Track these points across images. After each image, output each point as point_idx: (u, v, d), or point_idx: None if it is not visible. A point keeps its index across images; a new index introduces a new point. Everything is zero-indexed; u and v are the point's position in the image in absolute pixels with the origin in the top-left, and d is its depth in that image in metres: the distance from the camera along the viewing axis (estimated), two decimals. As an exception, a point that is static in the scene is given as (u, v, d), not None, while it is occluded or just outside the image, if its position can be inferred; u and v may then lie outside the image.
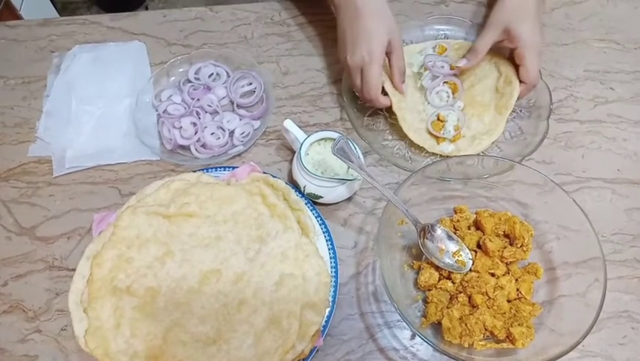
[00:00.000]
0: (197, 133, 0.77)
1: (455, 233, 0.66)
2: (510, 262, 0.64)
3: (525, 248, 0.65)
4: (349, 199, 0.73)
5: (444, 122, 0.77)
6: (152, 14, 0.94)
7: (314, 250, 0.62)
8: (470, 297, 0.61)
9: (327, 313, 0.61)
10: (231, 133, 0.78)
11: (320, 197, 0.68)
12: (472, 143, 0.75)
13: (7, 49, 0.90)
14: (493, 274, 0.63)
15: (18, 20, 0.99)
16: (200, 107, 0.80)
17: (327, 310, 0.61)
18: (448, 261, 0.64)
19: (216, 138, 0.77)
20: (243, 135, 0.78)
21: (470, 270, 0.63)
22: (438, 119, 0.77)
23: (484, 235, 0.66)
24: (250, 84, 0.83)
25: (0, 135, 0.80)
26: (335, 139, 0.64)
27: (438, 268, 0.64)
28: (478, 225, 0.68)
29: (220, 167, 0.73)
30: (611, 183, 0.76)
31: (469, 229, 0.68)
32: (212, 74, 0.84)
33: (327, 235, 0.67)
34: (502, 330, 0.59)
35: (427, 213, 0.70)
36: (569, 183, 0.75)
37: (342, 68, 0.77)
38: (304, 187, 0.68)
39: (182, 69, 0.85)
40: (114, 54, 0.88)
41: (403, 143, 0.78)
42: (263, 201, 0.65)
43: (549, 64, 0.87)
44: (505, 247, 0.64)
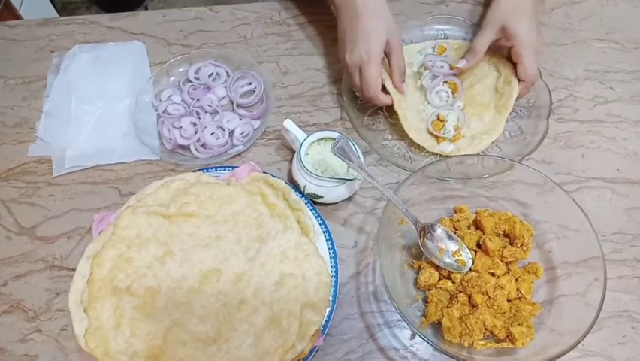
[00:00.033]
0: (197, 133, 0.77)
1: (455, 233, 0.66)
2: (510, 262, 0.64)
3: (525, 248, 0.65)
4: (349, 199, 0.73)
5: (444, 122, 0.77)
6: (152, 14, 0.94)
7: (314, 249, 0.62)
8: (470, 297, 0.61)
9: (327, 313, 0.61)
10: (231, 133, 0.78)
11: (320, 197, 0.68)
12: (472, 143, 0.75)
13: (6, 49, 0.90)
14: (493, 274, 0.63)
15: (18, 20, 0.99)
16: (200, 106, 0.80)
17: (327, 309, 0.61)
18: (448, 260, 0.64)
19: (216, 138, 0.77)
20: (242, 135, 0.78)
21: (470, 269, 0.63)
22: (438, 119, 0.77)
23: (484, 234, 0.66)
24: (250, 84, 0.83)
25: (0, 135, 0.80)
26: (335, 139, 0.64)
27: (438, 268, 0.64)
28: (478, 224, 0.68)
29: (220, 167, 0.73)
30: (611, 183, 0.76)
31: (469, 228, 0.68)
32: (212, 74, 0.84)
33: (327, 234, 0.67)
34: (502, 330, 0.59)
35: (427, 213, 0.70)
36: (568, 183, 0.75)
37: (342, 67, 0.77)
38: (304, 187, 0.68)
39: (181, 69, 0.85)
40: (114, 54, 0.88)
41: (402, 143, 0.78)
42: (263, 200, 0.65)
43: (549, 64, 0.87)
44: (505, 247, 0.64)
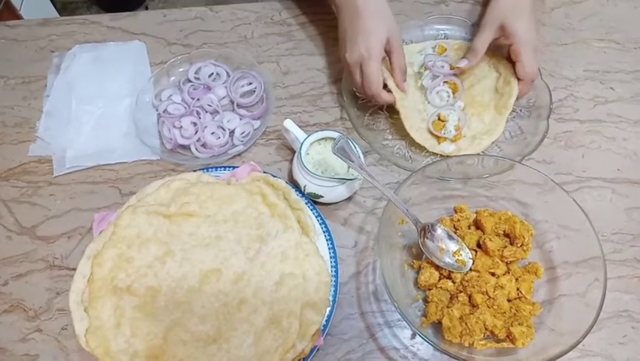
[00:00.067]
0: (197, 133, 0.77)
1: (455, 232, 0.66)
2: (510, 262, 0.64)
3: (525, 248, 0.65)
4: (349, 199, 0.73)
5: (445, 121, 0.77)
6: (152, 14, 0.94)
7: (314, 249, 0.62)
8: (470, 296, 0.61)
9: (327, 313, 0.61)
10: (231, 133, 0.78)
11: (320, 196, 0.68)
12: (473, 143, 0.75)
13: (7, 49, 0.90)
14: (493, 274, 0.63)
15: (18, 20, 0.99)
16: (201, 106, 0.80)
17: (328, 309, 0.61)
18: (448, 260, 0.64)
19: (216, 138, 0.77)
20: (243, 135, 0.78)
21: (470, 269, 0.63)
22: (439, 119, 0.77)
23: (484, 234, 0.66)
24: (250, 84, 0.83)
25: (0, 135, 0.80)
26: (335, 139, 0.64)
27: (438, 268, 0.64)
28: (478, 224, 0.68)
29: (220, 166, 0.73)
30: (611, 183, 0.76)
31: (469, 228, 0.68)
32: (213, 74, 0.84)
33: (327, 234, 0.67)
34: (502, 329, 0.59)
35: (428, 213, 0.70)
36: (569, 183, 0.75)
37: (343, 67, 0.77)
38: (304, 187, 0.68)
39: (182, 69, 0.85)
40: (114, 54, 0.88)
41: (403, 142, 0.78)
42: (263, 200, 0.65)
43: (549, 64, 0.87)
44: (506, 247, 0.64)
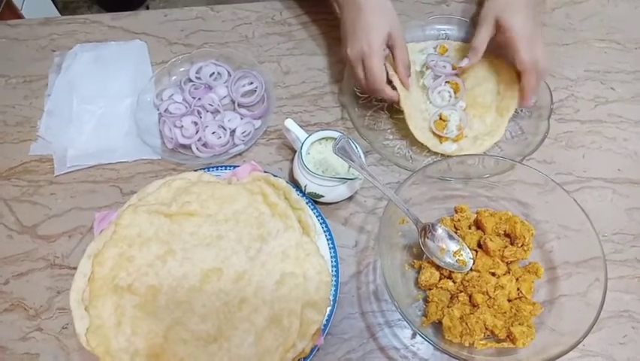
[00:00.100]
0: (198, 132, 0.77)
1: (456, 232, 0.66)
2: (511, 262, 0.64)
3: (526, 248, 0.65)
4: (350, 198, 0.73)
5: (446, 121, 0.77)
6: (153, 13, 0.94)
7: (315, 249, 0.62)
8: (471, 296, 0.61)
9: (327, 312, 0.61)
10: (232, 132, 0.78)
11: (321, 196, 0.68)
12: (475, 143, 0.75)
13: (8, 48, 0.90)
14: (493, 274, 0.63)
15: (19, 19, 0.99)
16: (202, 106, 0.80)
17: (328, 309, 0.61)
18: (448, 260, 0.64)
19: (217, 137, 0.77)
20: (244, 135, 0.78)
21: (471, 269, 0.63)
22: (440, 119, 0.77)
23: (484, 234, 0.66)
24: (251, 83, 0.83)
25: (1, 134, 0.80)
26: (336, 138, 0.64)
27: (439, 268, 0.64)
28: (478, 224, 0.68)
29: (221, 166, 0.73)
30: (612, 183, 0.76)
31: (469, 228, 0.68)
32: (214, 74, 0.84)
33: (327, 234, 0.67)
34: (502, 329, 0.59)
35: (428, 213, 0.70)
36: (569, 183, 0.75)
37: (344, 67, 0.77)
38: (305, 186, 0.68)
39: (183, 68, 0.85)
40: (115, 53, 0.88)
41: (403, 142, 0.78)
42: (264, 200, 0.65)
43: (550, 64, 0.86)
44: (506, 247, 0.65)
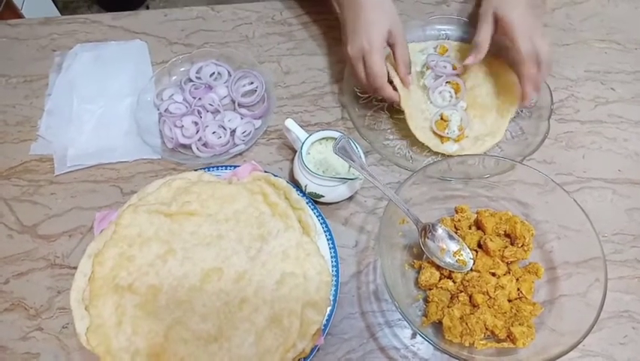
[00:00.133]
0: (198, 132, 0.77)
1: (456, 233, 0.66)
2: (511, 262, 0.64)
3: (526, 248, 0.65)
4: (350, 198, 0.73)
5: (447, 121, 0.77)
6: (153, 13, 0.94)
7: (315, 249, 0.62)
8: (471, 296, 0.61)
9: (328, 312, 0.61)
10: (233, 132, 0.78)
11: (321, 196, 0.68)
12: (476, 143, 0.75)
13: (8, 47, 0.90)
14: (493, 274, 0.63)
15: (19, 19, 0.99)
16: (202, 106, 0.80)
17: (328, 309, 0.61)
18: (448, 260, 0.64)
19: (218, 137, 0.77)
20: (244, 134, 0.78)
21: (471, 269, 0.63)
22: (441, 119, 0.77)
23: (484, 234, 0.66)
24: (251, 83, 0.83)
25: (2, 134, 0.80)
26: (336, 138, 0.64)
27: (439, 268, 0.64)
28: (478, 224, 0.68)
29: (221, 166, 0.73)
30: (612, 184, 0.76)
31: (469, 228, 0.68)
32: (214, 74, 0.84)
33: (328, 234, 0.67)
34: (502, 329, 0.59)
35: (428, 213, 0.70)
36: (569, 183, 0.75)
37: (344, 67, 0.77)
38: (305, 186, 0.68)
39: (183, 68, 0.85)
40: (115, 53, 0.88)
41: (404, 142, 0.78)
42: (264, 200, 0.65)
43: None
44: (506, 247, 0.65)
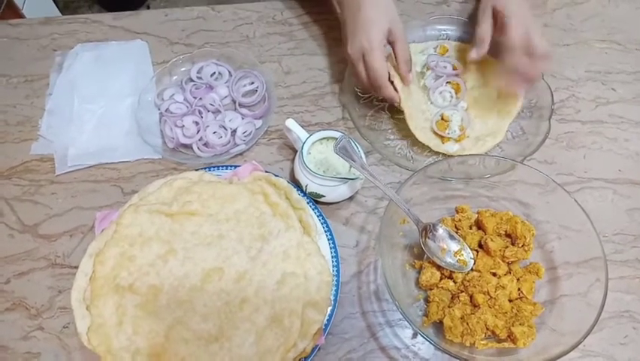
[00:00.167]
0: (199, 132, 0.77)
1: (457, 233, 0.66)
2: (511, 262, 0.64)
3: (526, 248, 0.65)
4: (351, 198, 0.73)
5: (448, 121, 0.77)
6: (154, 13, 0.94)
7: (316, 248, 0.62)
8: (472, 296, 0.61)
9: (328, 312, 0.61)
10: (233, 132, 0.78)
11: (322, 196, 0.68)
12: (477, 143, 0.75)
13: (9, 47, 0.90)
14: (494, 274, 0.63)
15: (20, 19, 0.99)
16: (203, 106, 0.80)
17: (329, 308, 0.61)
18: (449, 260, 0.64)
19: (218, 137, 0.77)
20: (245, 134, 0.78)
21: (472, 269, 0.64)
22: (442, 119, 0.77)
23: (485, 234, 0.66)
24: (252, 83, 0.83)
25: (3, 133, 0.80)
26: (337, 138, 0.64)
27: (439, 268, 0.64)
28: (479, 224, 0.68)
29: (222, 166, 0.73)
30: (613, 184, 0.76)
31: (470, 228, 0.68)
32: (215, 73, 0.84)
33: (328, 233, 0.67)
34: (503, 329, 0.59)
35: (429, 213, 0.70)
36: (570, 183, 0.75)
37: (345, 67, 0.77)
38: (306, 186, 0.68)
39: (184, 68, 0.85)
40: (116, 53, 0.88)
41: (404, 142, 0.78)
42: (265, 200, 0.65)
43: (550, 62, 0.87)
44: (507, 247, 0.65)
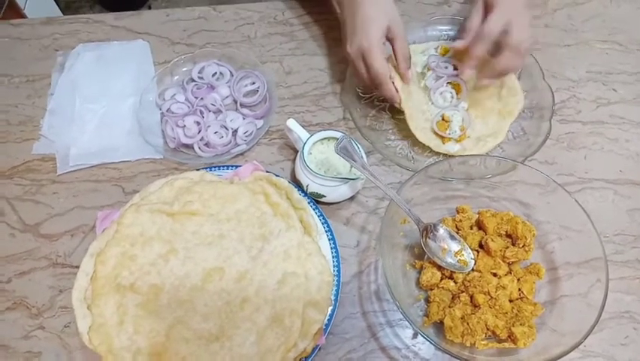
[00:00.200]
0: (200, 132, 0.77)
1: (457, 233, 0.66)
2: (512, 262, 0.64)
3: (527, 248, 0.65)
4: (352, 198, 0.73)
5: (449, 122, 0.77)
6: (156, 13, 0.95)
7: (316, 248, 0.62)
8: (472, 297, 0.61)
9: (329, 312, 0.61)
10: (234, 132, 0.79)
11: (323, 196, 0.69)
12: (478, 143, 0.75)
13: (11, 47, 0.90)
14: (495, 274, 0.63)
15: (22, 19, 1.00)
16: (204, 106, 0.80)
17: (330, 308, 0.61)
18: (450, 260, 0.64)
19: (219, 137, 0.77)
20: (246, 134, 0.78)
21: (472, 270, 0.64)
22: (442, 119, 0.77)
23: (486, 234, 0.66)
24: (253, 83, 0.84)
25: (4, 133, 0.80)
26: (338, 138, 0.64)
27: (440, 268, 0.64)
28: (480, 225, 0.68)
29: (223, 166, 0.73)
30: (613, 184, 0.76)
31: (471, 228, 0.68)
32: (216, 74, 0.84)
33: (329, 233, 0.67)
34: (503, 330, 0.59)
35: (430, 213, 0.70)
36: (571, 184, 0.75)
37: (346, 67, 0.77)
38: (307, 186, 0.69)
39: (185, 68, 0.85)
40: (118, 53, 0.88)
41: (405, 143, 0.78)
42: (266, 199, 0.65)
43: (552, 65, 0.87)
44: (508, 247, 0.65)
